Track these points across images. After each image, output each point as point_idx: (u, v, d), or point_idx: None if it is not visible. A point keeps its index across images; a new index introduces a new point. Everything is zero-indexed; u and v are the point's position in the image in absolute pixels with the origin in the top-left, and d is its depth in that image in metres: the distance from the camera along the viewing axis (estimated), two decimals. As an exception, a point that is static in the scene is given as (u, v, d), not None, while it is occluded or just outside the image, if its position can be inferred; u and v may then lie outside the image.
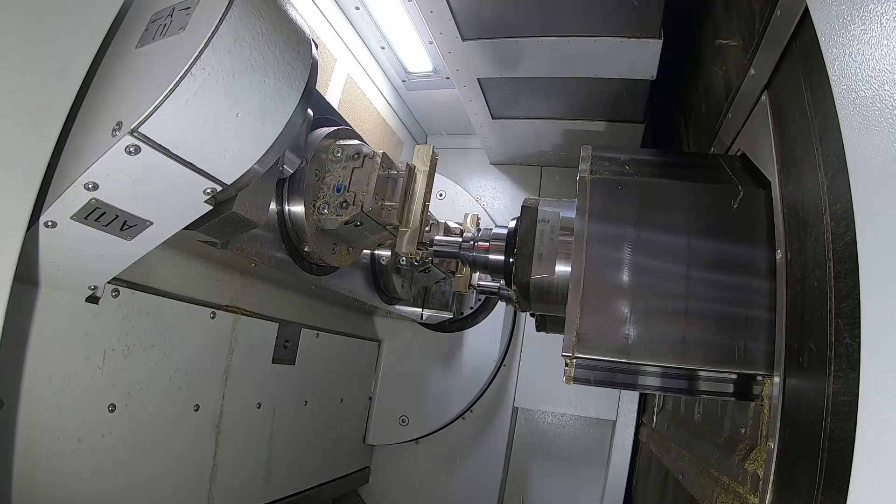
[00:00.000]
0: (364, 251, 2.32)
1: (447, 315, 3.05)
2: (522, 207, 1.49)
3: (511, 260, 1.47)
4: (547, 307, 1.46)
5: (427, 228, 2.27)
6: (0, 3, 0.93)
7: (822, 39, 0.76)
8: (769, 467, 0.98)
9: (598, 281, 1.17)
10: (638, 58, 2.15)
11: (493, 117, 2.88)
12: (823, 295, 0.86)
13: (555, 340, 3.30)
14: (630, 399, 3.01)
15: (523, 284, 1.40)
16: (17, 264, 0.97)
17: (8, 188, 0.96)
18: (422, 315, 3.00)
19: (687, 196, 1.26)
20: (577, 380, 1.20)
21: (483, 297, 3.18)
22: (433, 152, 1.97)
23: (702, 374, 1.15)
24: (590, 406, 3.06)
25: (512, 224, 1.55)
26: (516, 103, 2.76)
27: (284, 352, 2.23)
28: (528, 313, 3.22)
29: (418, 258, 1.88)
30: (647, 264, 1.19)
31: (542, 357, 3.17)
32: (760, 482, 1.01)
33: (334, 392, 2.75)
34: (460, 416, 3.15)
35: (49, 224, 1.06)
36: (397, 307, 2.77)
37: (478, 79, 2.51)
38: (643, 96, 2.44)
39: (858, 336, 0.62)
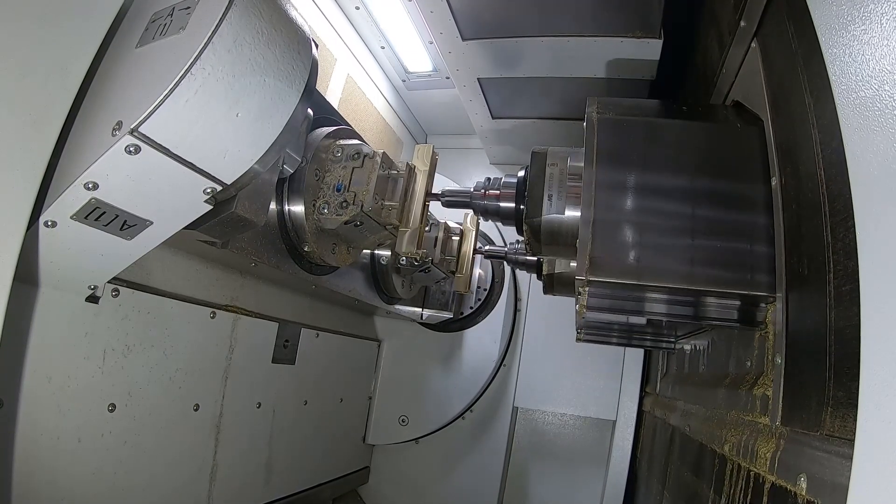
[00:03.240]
0: (364, 251, 2.32)
1: (447, 315, 3.05)
2: (532, 153, 1.54)
3: (522, 206, 1.51)
4: (557, 249, 1.51)
5: (427, 228, 2.27)
6: (0, 3, 0.93)
7: (822, 39, 0.76)
8: (778, 382, 1.01)
9: (608, 211, 1.24)
10: (638, 58, 2.15)
11: (493, 117, 2.88)
12: (817, 202, 0.91)
13: (554, 340, 3.29)
14: (630, 399, 3.01)
15: (535, 225, 1.45)
16: (17, 264, 0.97)
17: (8, 188, 0.96)
18: (422, 315, 3.00)
19: (689, 133, 1.34)
20: (589, 309, 1.25)
21: (483, 297, 3.18)
22: (433, 152, 1.97)
23: (708, 298, 1.21)
24: (590, 406, 3.06)
25: (521, 174, 1.59)
26: (516, 103, 2.76)
27: (284, 352, 2.23)
28: (527, 311, 3.23)
29: (418, 257, 1.88)
30: (654, 196, 1.26)
31: (542, 357, 3.18)
32: (770, 401, 1.04)
33: (334, 392, 2.75)
34: (460, 416, 3.15)
35: (49, 224, 1.06)
36: (397, 307, 2.77)
37: (478, 79, 2.51)
38: (643, 96, 2.44)
39: (853, 227, 0.64)
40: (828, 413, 0.81)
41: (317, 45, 1.20)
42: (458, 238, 2.63)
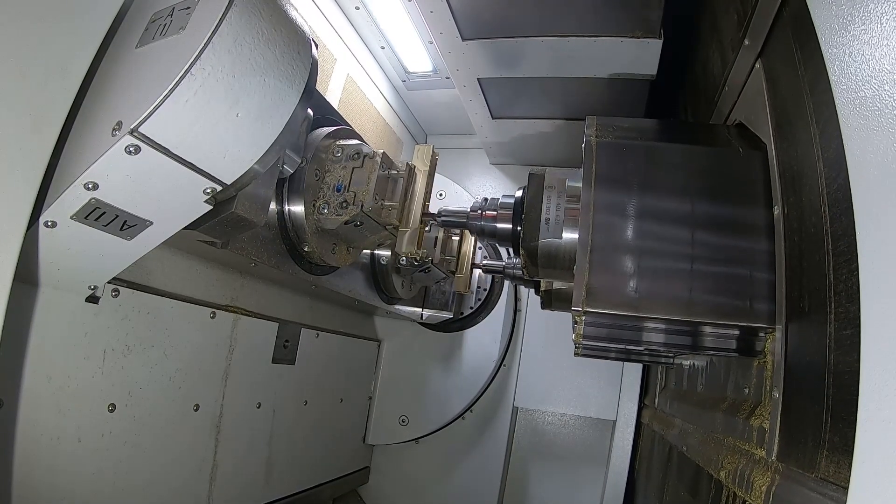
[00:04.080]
0: (364, 251, 2.32)
1: (447, 315, 3.05)
2: (529, 175, 1.52)
3: (519, 228, 1.50)
4: (554, 273, 1.48)
5: (427, 228, 2.27)
6: (0, 3, 0.93)
7: (822, 39, 0.76)
8: (775, 417, 1.00)
9: (606, 238, 1.21)
10: (638, 58, 2.15)
11: (493, 117, 2.88)
12: (820, 238, 0.89)
13: (554, 341, 3.29)
14: (630, 399, 3.01)
15: (531, 248, 1.43)
16: (17, 264, 0.97)
17: (8, 188, 0.96)
18: (422, 315, 3.00)
19: (690, 157, 1.30)
20: (586, 337, 1.23)
21: (483, 297, 3.18)
22: (433, 152, 1.97)
23: (707, 328, 1.18)
24: (590, 406, 3.06)
25: (518, 194, 1.57)
26: (516, 103, 2.76)
27: (284, 352, 2.23)
28: (527, 311, 3.23)
29: (418, 257, 1.88)
30: (653, 222, 1.23)
31: (542, 357, 3.18)
32: (766, 434, 1.02)
33: (334, 392, 2.75)
34: (460, 416, 3.15)
35: (49, 224, 1.06)
36: (397, 307, 2.77)
37: (478, 79, 2.51)
38: (643, 96, 2.44)
39: (857, 271, 0.63)
40: (823, 456, 0.80)
41: (317, 45, 1.20)
42: (458, 238, 2.63)
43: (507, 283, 3.19)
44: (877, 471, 0.54)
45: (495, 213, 1.66)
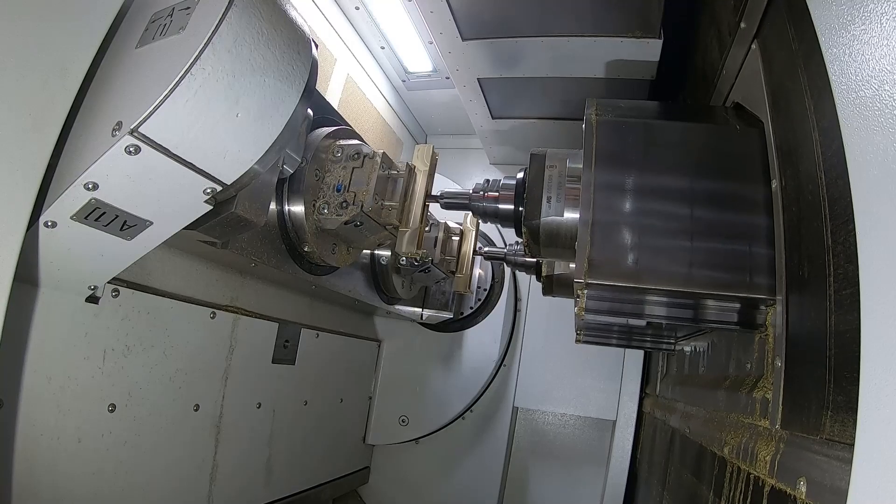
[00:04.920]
0: (364, 251, 2.32)
1: (447, 315, 3.05)
2: (531, 155, 1.54)
3: (521, 208, 1.51)
4: (556, 251, 1.50)
5: (427, 228, 2.27)
6: (0, 3, 0.93)
7: (822, 39, 0.76)
8: (778, 386, 1.01)
9: (607, 213, 1.23)
10: (638, 58, 2.15)
11: (493, 117, 2.88)
12: (818, 205, 0.91)
13: (554, 341, 3.28)
14: (630, 399, 3.01)
15: (533, 227, 1.45)
16: (17, 264, 0.97)
17: (8, 188, 0.96)
18: (422, 315, 3.00)
19: (688, 135, 1.33)
20: (588, 310, 1.25)
21: (483, 297, 3.18)
22: (433, 152, 1.96)
23: (708, 300, 1.20)
24: (590, 406, 3.06)
25: (520, 175, 1.59)
26: (516, 103, 2.76)
27: (284, 352, 2.23)
28: (527, 311, 3.23)
29: (418, 258, 1.88)
30: (653, 198, 1.25)
31: (542, 357, 3.18)
32: (770, 404, 1.04)
33: (334, 392, 2.75)
34: (460, 416, 3.15)
35: (49, 224, 1.06)
36: (397, 307, 2.77)
37: (478, 79, 2.51)
38: (643, 96, 2.45)
39: (853, 231, 0.64)
40: (828, 417, 0.81)
41: (317, 46, 1.20)
42: (458, 238, 2.63)
43: (506, 284, 3.19)
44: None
45: (497, 193, 1.68)
